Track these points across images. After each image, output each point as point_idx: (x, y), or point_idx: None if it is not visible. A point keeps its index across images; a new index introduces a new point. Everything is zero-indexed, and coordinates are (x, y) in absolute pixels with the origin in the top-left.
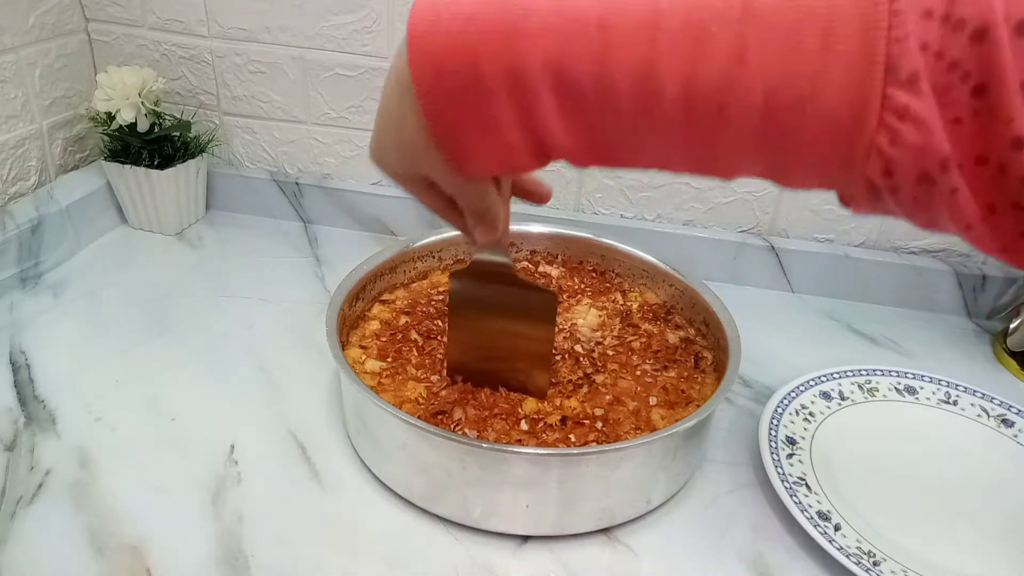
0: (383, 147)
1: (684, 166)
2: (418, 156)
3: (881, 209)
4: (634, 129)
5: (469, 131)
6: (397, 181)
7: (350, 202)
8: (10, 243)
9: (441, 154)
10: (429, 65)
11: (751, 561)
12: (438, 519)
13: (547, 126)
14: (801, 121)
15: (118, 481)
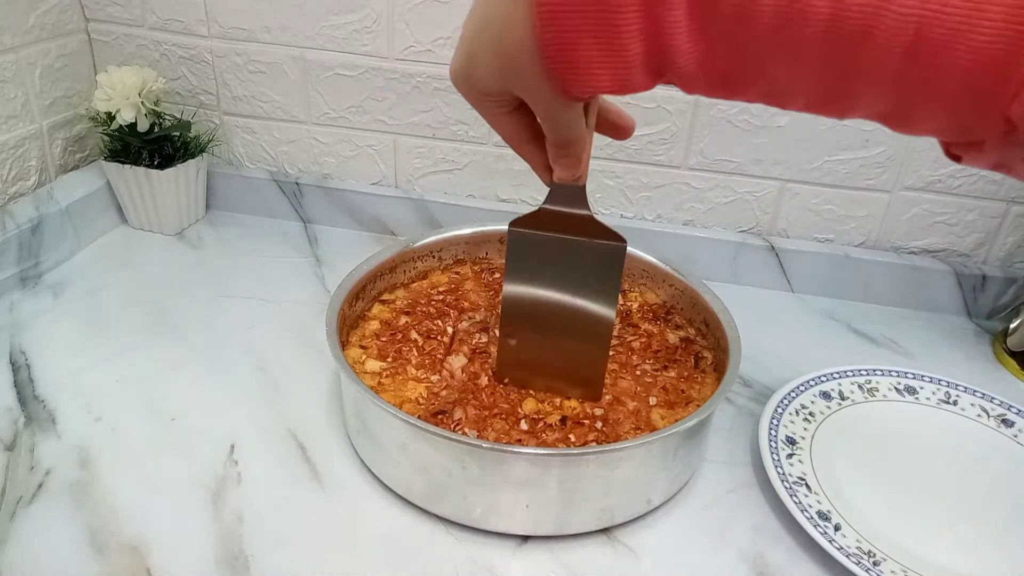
0: (475, 59)
1: (803, 99)
2: (518, 71)
3: (1006, 155)
4: (766, 51)
5: (585, 40)
6: (478, 102)
7: (350, 202)
8: (10, 243)
9: (547, 69)
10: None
11: (751, 561)
12: (438, 519)
13: (674, 40)
14: (951, 55)
15: (118, 481)
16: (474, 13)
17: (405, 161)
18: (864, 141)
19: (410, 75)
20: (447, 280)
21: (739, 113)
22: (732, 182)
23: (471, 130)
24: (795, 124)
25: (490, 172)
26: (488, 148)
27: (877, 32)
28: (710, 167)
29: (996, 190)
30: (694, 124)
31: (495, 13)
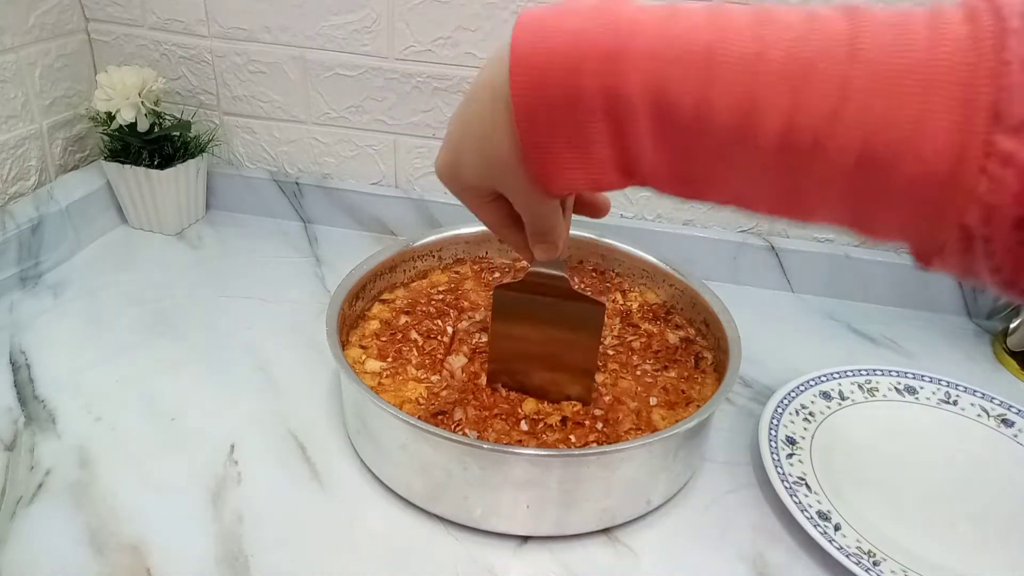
0: (460, 158)
1: (766, 205)
2: (500, 169)
3: (966, 261)
4: (724, 161)
5: (561, 146)
6: (462, 194)
7: (350, 202)
8: (10, 243)
9: (526, 169)
10: (530, 79)
11: (751, 561)
12: (438, 519)
13: (639, 147)
14: (898, 165)
15: (118, 481)
16: (460, 116)
17: (405, 161)
18: None
19: (410, 75)
20: (447, 280)
21: None
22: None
23: None
24: None
25: None
26: None
27: (825, 149)
28: None
29: None
30: None
31: (478, 118)
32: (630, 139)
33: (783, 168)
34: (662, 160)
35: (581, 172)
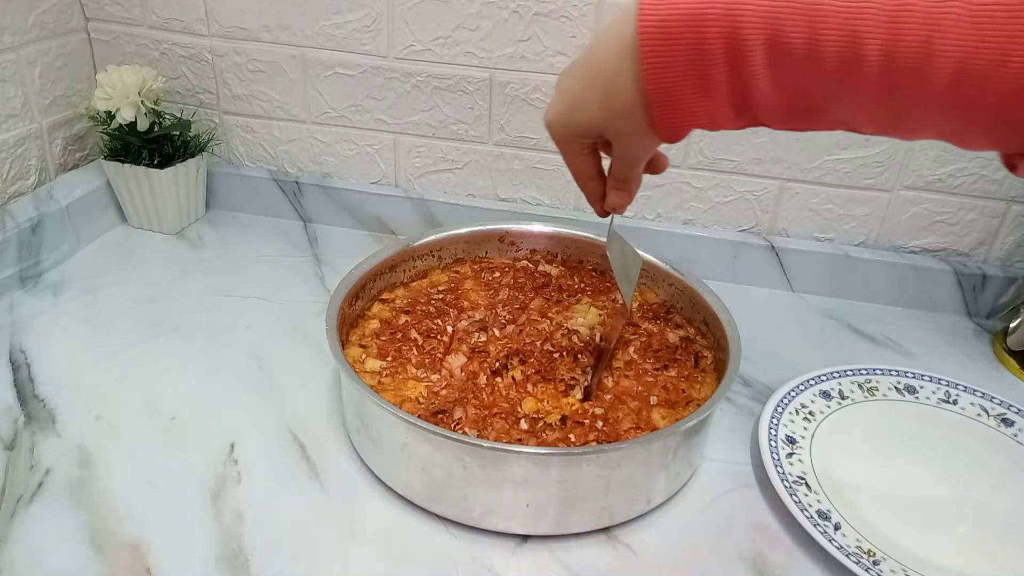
0: (577, 107)
1: (872, 127)
2: (620, 115)
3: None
4: (834, 91)
5: (684, 89)
6: (567, 143)
7: (350, 201)
8: (10, 242)
9: (649, 113)
10: (658, 30)
11: (751, 560)
12: (438, 518)
13: (755, 84)
14: (987, 87)
15: (118, 480)
16: (581, 69)
17: (405, 160)
18: (864, 140)
19: (410, 74)
20: (447, 279)
21: None
22: (732, 181)
23: (471, 129)
24: None
25: (490, 171)
26: (488, 147)
27: (924, 69)
28: (710, 166)
29: (996, 190)
30: None
31: (603, 70)
32: (746, 77)
33: (887, 96)
34: (777, 95)
35: (702, 112)
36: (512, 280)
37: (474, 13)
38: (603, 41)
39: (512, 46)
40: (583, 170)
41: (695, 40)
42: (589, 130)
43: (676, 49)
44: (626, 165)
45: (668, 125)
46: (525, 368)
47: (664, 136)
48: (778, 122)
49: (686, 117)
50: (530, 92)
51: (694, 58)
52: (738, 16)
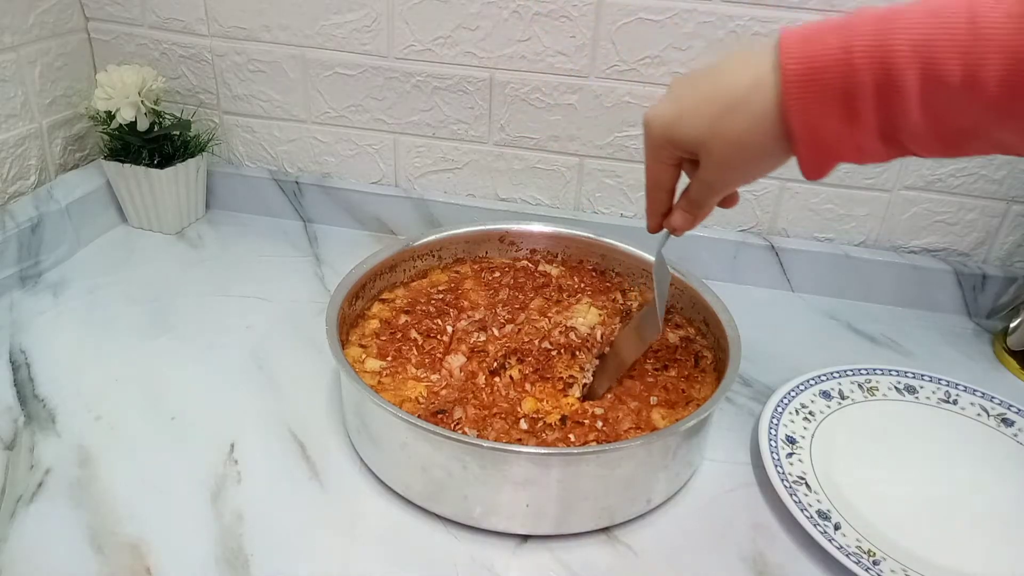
0: (685, 117)
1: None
2: (732, 141)
3: None
4: (995, 116)
5: (830, 121)
6: (659, 148)
7: (350, 201)
8: (10, 242)
9: (786, 145)
10: (803, 65)
11: (751, 560)
12: (438, 518)
13: (907, 114)
14: None
15: (118, 480)
16: (704, 83)
17: (405, 160)
18: None
19: (410, 74)
20: (447, 279)
21: None
22: None
23: (471, 129)
24: None
25: (490, 171)
26: (488, 147)
27: None
28: None
29: (996, 189)
30: None
31: (726, 92)
32: (898, 108)
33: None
34: (928, 123)
35: (849, 146)
36: (512, 280)
37: (474, 13)
38: (734, 64)
39: (512, 46)
40: (660, 180)
41: (843, 75)
42: (689, 144)
43: (823, 86)
44: (708, 191)
45: (814, 162)
46: (523, 367)
47: (808, 173)
48: (929, 149)
49: (833, 153)
50: (530, 92)
51: (842, 94)
52: (889, 48)
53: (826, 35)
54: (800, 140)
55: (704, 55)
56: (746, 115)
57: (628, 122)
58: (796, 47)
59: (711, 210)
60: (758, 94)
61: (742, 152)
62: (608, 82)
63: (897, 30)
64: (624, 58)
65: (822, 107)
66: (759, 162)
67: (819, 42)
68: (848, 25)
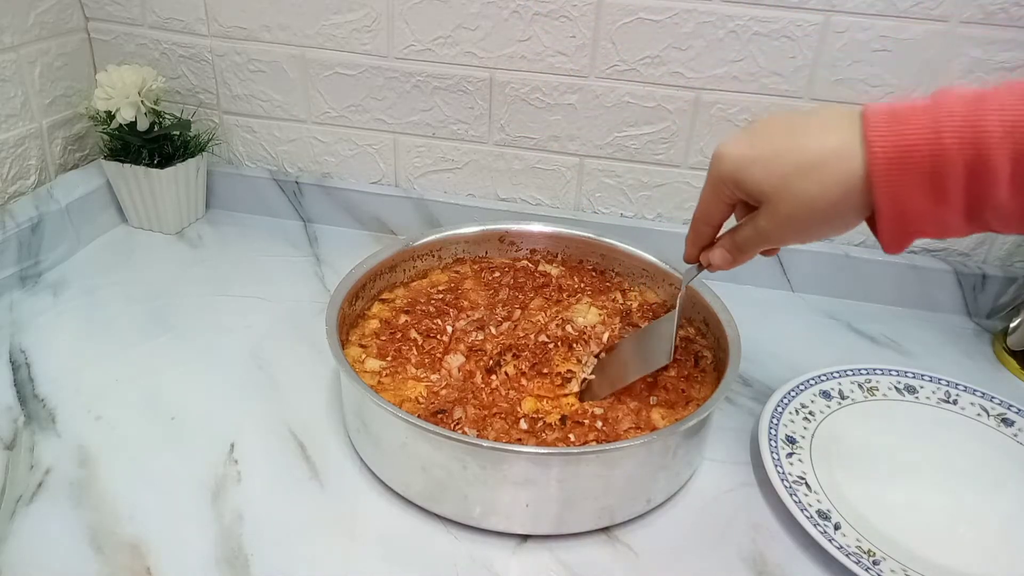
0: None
1: None
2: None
3: None
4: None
5: (917, 199)
6: (721, 184)
7: (350, 201)
8: (10, 242)
9: (860, 215)
10: (891, 142)
11: (751, 560)
12: (438, 518)
13: (995, 194)
14: None
15: (118, 480)
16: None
17: (405, 160)
18: None
19: (410, 74)
20: (447, 279)
21: (739, 112)
22: None
23: (471, 129)
24: None
25: (490, 171)
26: (488, 147)
27: None
28: None
29: None
30: (694, 123)
31: (805, 151)
32: (987, 187)
33: None
34: (1017, 204)
35: (932, 221)
36: (512, 280)
37: (474, 13)
38: (818, 125)
39: (512, 46)
40: (711, 213)
41: (933, 155)
42: (756, 191)
43: (912, 166)
44: (760, 240)
45: (895, 237)
46: (519, 362)
47: (888, 247)
48: (1012, 227)
49: (915, 228)
50: (530, 92)
51: (931, 173)
52: (981, 130)
53: (914, 114)
54: (884, 216)
55: (704, 55)
56: (823, 180)
57: (628, 122)
58: (884, 125)
59: (752, 257)
60: (840, 163)
61: (811, 214)
62: (608, 82)
63: (988, 112)
64: (624, 58)
65: (910, 186)
66: (824, 226)
67: (907, 121)
68: (936, 106)
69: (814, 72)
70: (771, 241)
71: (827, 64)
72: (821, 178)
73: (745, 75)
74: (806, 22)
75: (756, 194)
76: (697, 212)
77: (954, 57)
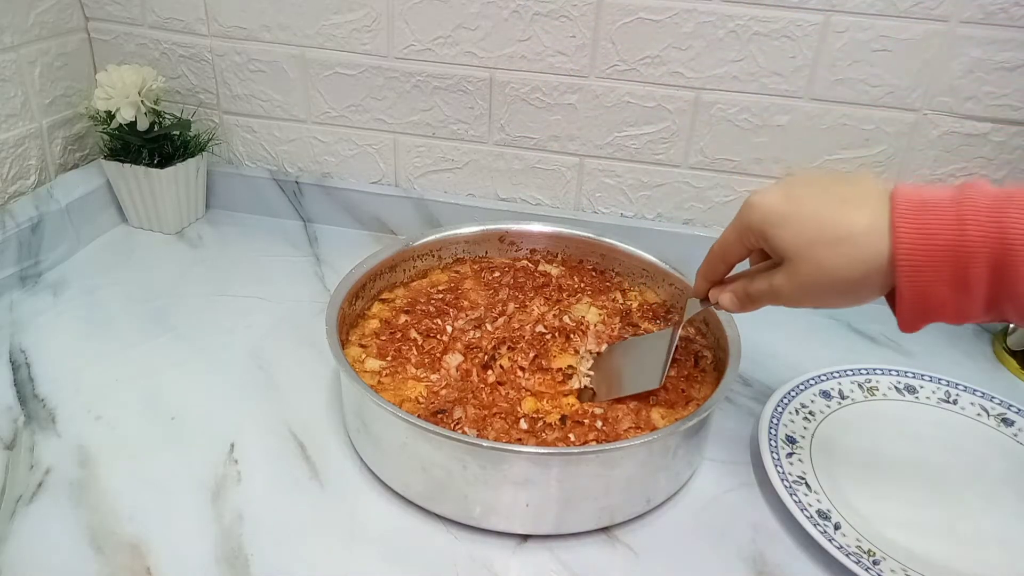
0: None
1: None
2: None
3: None
4: None
5: (939, 286)
6: (747, 231)
7: (350, 201)
8: (10, 242)
9: (878, 294)
10: (917, 230)
11: (751, 560)
12: (438, 518)
13: (1016, 286)
14: None
15: (118, 480)
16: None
17: (405, 160)
18: (864, 140)
19: (410, 74)
20: (447, 279)
21: (739, 112)
22: (732, 181)
23: (471, 129)
24: (795, 123)
25: (490, 171)
26: (488, 147)
27: None
28: (710, 166)
29: None
30: (694, 123)
31: (832, 223)
32: (1009, 279)
33: None
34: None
35: (951, 309)
36: (512, 280)
37: (474, 13)
38: (853, 197)
39: (512, 46)
40: (728, 254)
41: (956, 243)
42: (779, 246)
43: (935, 251)
44: (773, 296)
45: (912, 320)
46: (514, 355)
47: (904, 326)
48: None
49: (934, 314)
50: (530, 92)
51: (954, 264)
52: (1005, 220)
53: (941, 204)
54: (905, 299)
55: (704, 55)
56: (850, 255)
57: (628, 122)
58: (912, 213)
59: (762, 306)
60: (867, 240)
61: (831, 285)
62: (608, 82)
63: (1014, 208)
64: (624, 58)
65: (933, 274)
66: (840, 297)
67: (935, 211)
68: (963, 199)
69: (814, 72)
70: (783, 300)
71: (827, 64)
72: (847, 252)
73: (745, 75)
74: (806, 22)
75: (780, 251)
76: (715, 248)
77: (954, 57)
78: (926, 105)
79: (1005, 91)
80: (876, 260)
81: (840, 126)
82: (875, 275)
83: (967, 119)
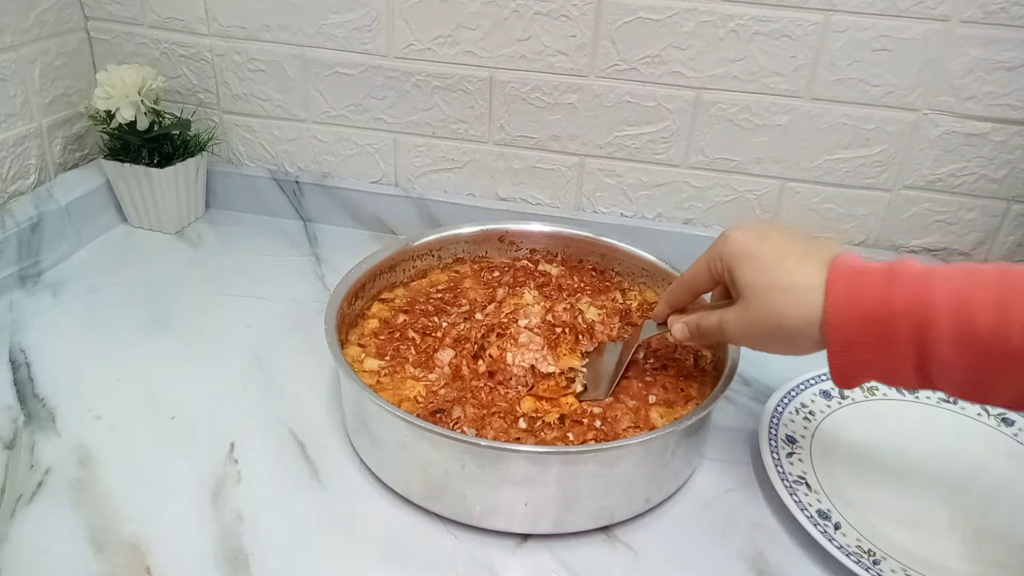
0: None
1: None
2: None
3: None
4: (1016, 370)
5: (864, 345)
6: (715, 261)
7: (350, 200)
8: (10, 241)
9: (819, 345)
10: (848, 289)
11: (751, 560)
12: (437, 518)
13: (938, 353)
14: None
15: (118, 479)
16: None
17: (405, 159)
18: (865, 140)
19: (410, 73)
20: (447, 279)
21: (739, 112)
22: (732, 181)
23: (471, 128)
24: (795, 123)
25: (490, 171)
26: (488, 147)
27: None
28: (710, 166)
29: (996, 189)
30: (694, 122)
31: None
32: (931, 345)
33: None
34: (956, 366)
35: (878, 367)
36: (512, 279)
37: (474, 12)
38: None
39: (512, 45)
40: (695, 281)
41: (883, 308)
42: (739, 280)
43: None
44: (719, 332)
45: (844, 374)
46: (502, 342)
47: (837, 381)
48: (955, 391)
49: (864, 371)
50: (530, 91)
51: (880, 323)
52: (928, 287)
53: (874, 271)
54: (834, 354)
55: (704, 54)
56: (795, 303)
57: (628, 121)
58: (846, 276)
59: (709, 343)
60: (811, 295)
61: (775, 328)
62: (608, 81)
63: (938, 279)
64: (624, 57)
65: (858, 332)
66: (782, 343)
67: (867, 276)
68: (895, 267)
69: (814, 72)
70: (728, 336)
71: (827, 64)
72: (794, 301)
73: (745, 75)
74: (806, 21)
75: (740, 287)
76: (684, 275)
77: (954, 57)
78: (926, 105)
79: (1005, 91)
80: (814, 315)
81: (840, 126)
82: (811, 328)
83: (967, 119)
